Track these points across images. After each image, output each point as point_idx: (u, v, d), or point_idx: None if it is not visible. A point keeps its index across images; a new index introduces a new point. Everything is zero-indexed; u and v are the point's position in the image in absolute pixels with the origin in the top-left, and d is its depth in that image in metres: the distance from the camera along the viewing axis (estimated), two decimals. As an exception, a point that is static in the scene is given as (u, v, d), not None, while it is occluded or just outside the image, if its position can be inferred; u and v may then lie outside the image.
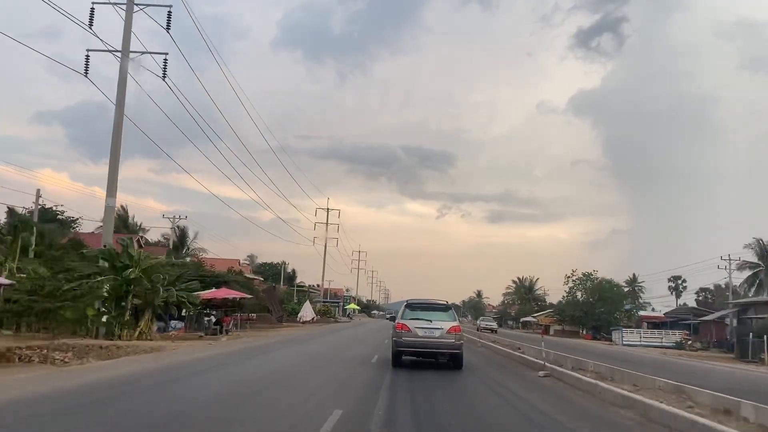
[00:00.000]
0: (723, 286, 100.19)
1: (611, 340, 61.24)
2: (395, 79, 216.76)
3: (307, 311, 50.39)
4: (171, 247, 54.82)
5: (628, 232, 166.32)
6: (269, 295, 51.47)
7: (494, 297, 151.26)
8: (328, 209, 79.05)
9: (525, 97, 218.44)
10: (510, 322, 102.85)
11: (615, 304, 64.23)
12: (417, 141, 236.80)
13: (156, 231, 63.01)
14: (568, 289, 68.52)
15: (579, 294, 66.52)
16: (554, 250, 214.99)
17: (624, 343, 47.02)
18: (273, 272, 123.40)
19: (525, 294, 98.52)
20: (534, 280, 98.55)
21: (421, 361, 16.38)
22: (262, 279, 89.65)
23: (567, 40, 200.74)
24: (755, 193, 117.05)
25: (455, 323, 16.06)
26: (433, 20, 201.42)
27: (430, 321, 15.69)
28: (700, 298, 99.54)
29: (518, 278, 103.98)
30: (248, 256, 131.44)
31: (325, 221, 78.95)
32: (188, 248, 60.27)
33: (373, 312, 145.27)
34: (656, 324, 61.32)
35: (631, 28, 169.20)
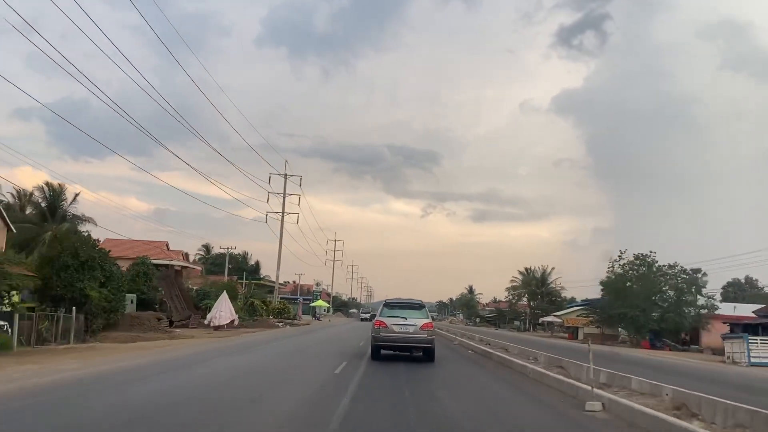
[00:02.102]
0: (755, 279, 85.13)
1: (694, 350, 42.92)
2: (380, 77, 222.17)
3: (222, 311, 30.75)
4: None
5: (609, 231, 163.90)
6: (167, 285, 32.09)
7: (487, 293, 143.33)
8: (285, 175, 59.69)
9: (508, 97, 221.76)
10: (516, 323, 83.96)
11: (685, 300, 45.73)
12: (402, 140, 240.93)
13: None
14: (613, 277, 49.75)
15: (630, 283, 47.84)
16: (537, 249, 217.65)
17: (753, 360, 28.24)
18: (234, 265, 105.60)
19: (536, 288, 79.65)
20: (548, 270, 79.90)
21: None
22: (199, 269, 69.71)
23: (549, 38, 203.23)
24: (738, 192, 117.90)
25: (428, 320, 17.81)
26: (417, 18, 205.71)
27: (405, 318, 17.32)
28: (730, 293, 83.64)
29: (526, 269, 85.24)
30: (203, 246, 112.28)
31: (283, 190, 59.56)
32: (66, 216, 40.45)
33: (351, 311, 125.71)
34: (747, 326, 42.71)
35: (614, 26, 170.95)
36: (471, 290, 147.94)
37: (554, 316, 61.76)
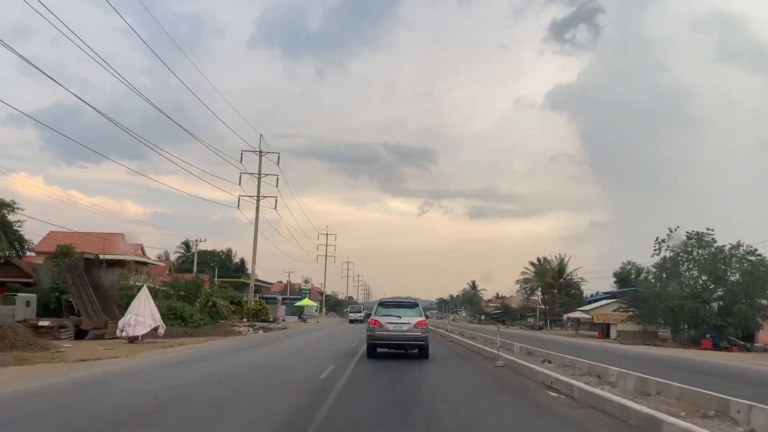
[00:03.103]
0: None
1: (758, 349, 34.04)
2: (374, 75, 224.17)
3: (140, 315, 20.78)
4: None
5: (605, 225, 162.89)
6: (72, 281, 22.75)
7: (489, 289, 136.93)
8: (260, 152, 50.34)
9: (503, 93, 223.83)
10: (530, 319, 74.76)
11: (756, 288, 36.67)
12: (397, 138, 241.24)
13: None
14: (661, 261, 40.70)
15: (686, 268, 38.79)
16: (534, 245, 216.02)
17: None
18: (217, 264, 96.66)
19: (553, 279, 70.42)
20: (565, 260, 70.60)
21: None
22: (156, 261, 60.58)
23: (542, 33, 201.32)
24: (734, 184, 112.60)
25: (422, 318, 17.81)
26: (410, 15, 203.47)
27: (400, 317, 17.52)
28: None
29: (539, 259, 76.07)
30: (182, 243, 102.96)
31: (258, 170, 50.22)
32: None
33: (346, 310, 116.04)
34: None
35: (607, 19, 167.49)
36: (474, 286, 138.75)
37: (581, 311, 52.72)
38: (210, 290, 37.09)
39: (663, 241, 40.34)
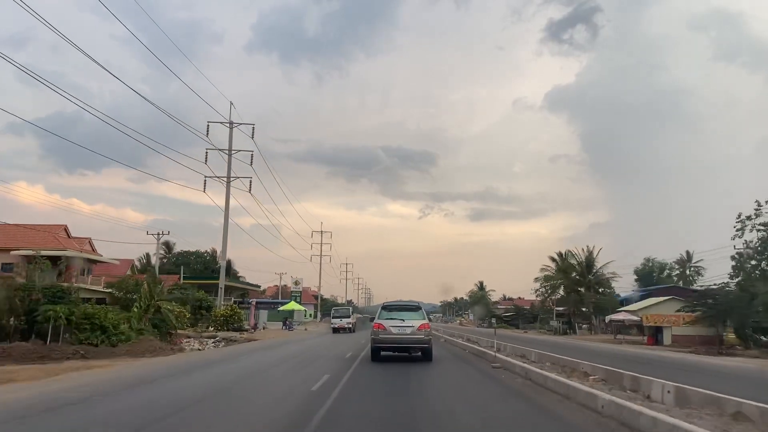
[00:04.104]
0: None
1: None
2: (372, 79, 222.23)
3: None
4: None
5: (607, 225, 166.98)
6: None
7: (499, 290, 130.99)
8: (231, 124, 41.15)
9: (501, 95, 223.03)
10: (552, 323, 65.27)
11: None
12: (397, 141, 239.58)
13: None
14: (745, 245, 31.29)
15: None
16: (535, 246, 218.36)
17: None
18: (201, 265, 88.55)
19: (580, 277, 60.86)
20: (595, 252, 60.97)
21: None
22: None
23: (540, 33, 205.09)
24: (735, 182, 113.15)
25: (425, 321, 17.97)
26: (407, 19, 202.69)
27: (403, 320, 17.63)
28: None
29: (560, 254, 66.63)
30: (162, 243, 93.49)
31: (228, 146, 40.97)
32: None
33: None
34: None
35: (605, 19, 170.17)
36: (482, 287, 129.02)
37: (626, 312, 43.26)
38: (152, 292, 27.69)
39: (749, 218, 31.02)
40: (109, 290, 31.43)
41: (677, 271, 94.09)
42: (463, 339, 33.15)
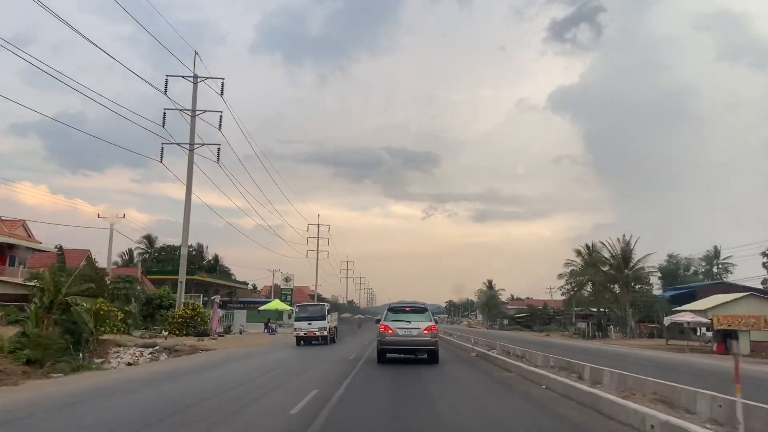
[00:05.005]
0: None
1: None
2: (375, 80, 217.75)
3: None
4: None
5: (611, 225, 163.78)
6: None
7: (506, 290, 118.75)
8: (195, 78, 32.87)
9: (504, 95, 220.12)
10: (580, 324, 56.73)
11: None
12: (400, 142, 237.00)
13: None
14: None
15: None
16: (538, 247, 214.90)
17: None
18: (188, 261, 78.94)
19: (615, 272, 52.07)
20: (632, 243, 52.10)
21: None
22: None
23: (543, 33, 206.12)
24: (739, 183, 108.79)
25: (431, 323, 17.42)
26: (410, 19, 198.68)
27: (409, 322, 17.20)
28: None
29: (587, 246, 58.05)
30: (143, 237, 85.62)
31: (191, 102, 32.72)
32: None
33: (344, 315, 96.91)
34: None
35: (609, 18, 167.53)
36: (490, 285, 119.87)
37: (690, 311, 34.61)
38: (57, 284, 19.36)
39: None
40: (34, 283, 23.06)
41: (703, 269, 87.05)
42: (480, 345, 25.15)
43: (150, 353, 21.84)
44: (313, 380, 13.19)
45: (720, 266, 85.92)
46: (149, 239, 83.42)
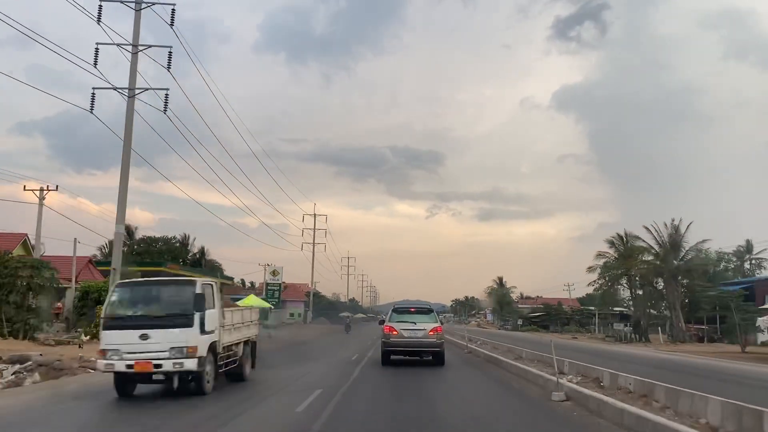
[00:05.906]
0: None
1: None
2: (380, 79, 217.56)
3: None
4: None
5: (615, 225, 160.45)
6: None
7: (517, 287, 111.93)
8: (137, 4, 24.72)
9: (509, 94, 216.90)
10: (617, 326, 48.50)
11: None
12: (404, 141, 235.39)
13: None
14: None
15: None
16: (542, 246, 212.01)
17: None
18: (169, 254, 73.44)
19: (660, 263, 43.64)
20: (682, 228, 43.67)
21: None
22: None
23: (546, 31, 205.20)
24: (746, 182, 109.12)
25: (437, 324, 17.36)
26: (415, 17, 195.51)
27: (414, 323, 17.05)
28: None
29: (621, 236, 49.78)
30: (124, 229, 76.98)
31: (132, 36, 24.67)
32: None
33: (343, 314, 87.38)
34: None
35: (614, 16, 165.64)
36: (501, 283, 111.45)
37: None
38: None
39: None
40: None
41: (733, 264, 79.44)
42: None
43: (14, 374, 13.79)
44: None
45: (753, 262, 78.67)
46: (128, 230, 75.94)
